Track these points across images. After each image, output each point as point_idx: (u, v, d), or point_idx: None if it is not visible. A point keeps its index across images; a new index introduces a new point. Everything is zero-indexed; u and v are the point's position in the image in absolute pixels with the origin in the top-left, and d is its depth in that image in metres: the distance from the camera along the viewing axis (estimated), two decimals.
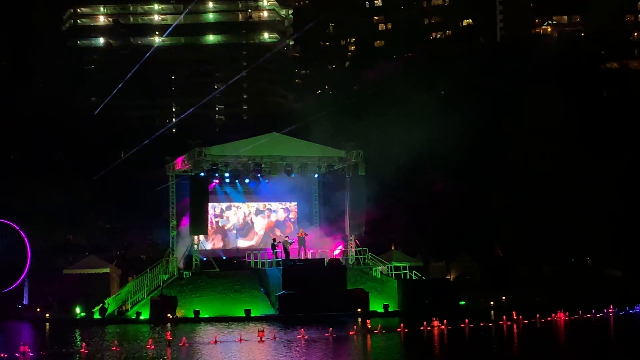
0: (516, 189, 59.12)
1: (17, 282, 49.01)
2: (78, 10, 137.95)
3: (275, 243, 47.54)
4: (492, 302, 45.65)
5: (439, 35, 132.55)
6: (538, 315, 37.54)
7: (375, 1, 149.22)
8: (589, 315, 39.00)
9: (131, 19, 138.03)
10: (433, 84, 64.22)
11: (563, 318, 37.86)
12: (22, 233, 50.21)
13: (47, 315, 44.54)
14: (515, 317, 36.99)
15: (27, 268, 49.09)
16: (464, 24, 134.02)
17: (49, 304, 46.33)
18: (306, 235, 48.08)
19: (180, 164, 48.24)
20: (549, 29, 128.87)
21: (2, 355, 28.17)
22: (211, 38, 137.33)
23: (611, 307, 40.58)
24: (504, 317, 37.00)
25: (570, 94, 61.05)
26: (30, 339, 33.99)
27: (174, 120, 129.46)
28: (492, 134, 60.77)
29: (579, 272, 56.75)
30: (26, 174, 61.62)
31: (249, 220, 53.07)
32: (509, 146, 59.42)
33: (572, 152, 58.91)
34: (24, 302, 48.67)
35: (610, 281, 54.64)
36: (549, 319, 37.59)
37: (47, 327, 41.90)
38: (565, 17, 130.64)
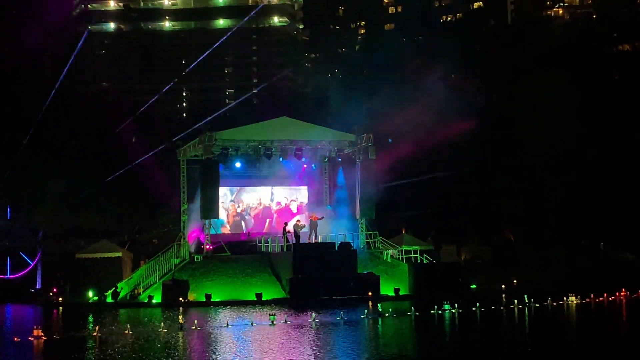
0: (527, 172, 58.93)
1: (30, 267, 49.36)
2: None
3: (287, 227, 47.60)
4: (503, 286, 45.61)
5: (449, 18, 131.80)
6: (549, 298, 37.49)
7: None
8: (600, 299, 38.93)
9: (141, 3, 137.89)
10: (443, 67, 63.85)
11: (575, 302, 37.79)
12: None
13: (60, 299, 44.83)
14: (526, 301, 36.97)
15: (39, 253, 49.41)
16: (475, 7, 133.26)
17: (62, 288, 46.62)
18: (320, 219, 48.14)
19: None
20: (560, 11, 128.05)
21: (15, 339, 28.39)
22: (221, 22, 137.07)
23: (623, 290, 40.49)
24: (515, 300, 36.98)
25: (580, 76, 60.68)
26: (43, 323, 34.21)
27: (184, 104, 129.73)
28: (502, 117, 60.52)
29: (591, 255, 56.67)
30: (36, 158, 61.86)
31: (259, 205, 53.13)
32: (520, 129, 59.18)
33: (583, 135, 58.62)
34: (37, 287, 49.02)
35: (622, 264, 54.56)
36: (561, 302, 37.54)
37: (60, 311, 42.19)
38: None
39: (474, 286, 45.78)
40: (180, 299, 41.74)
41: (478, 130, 59.43)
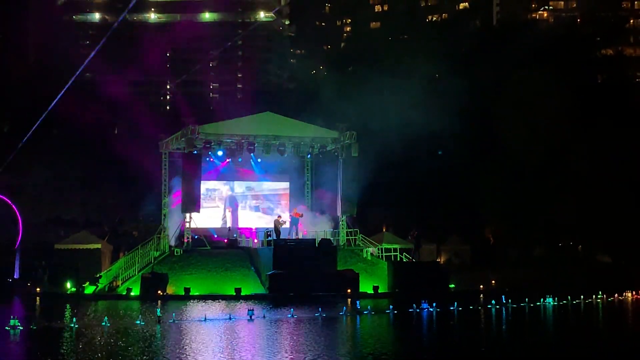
0: (507, 172, 59.23)
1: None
2: None
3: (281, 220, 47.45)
4: (481, 286, 45.87)
5: (435, 18, 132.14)
6: (527, 299, 37.74)
7: None
8: (577, 301, 39.23)
9: None
10: (426, 66, 64.06)
11: (552, 303, 38.06)
12: (14, 207, 50.12)
13: (38, 289, 44.59)
14: (504, 301, 37.20)
15: (18, 242, 49.05)
16: (461, 7, 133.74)
17: (40, 279, 46.35)
18: (301, 216, 48.18)
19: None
20: (545, 14, 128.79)
21: None
22: (207, 16, 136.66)
23: (600, 293, 40.82)
24: (493, 300, 37.20)
25: (564, 78, 61.04)
26: (20, 313, 34.02)
27: (168, 97, 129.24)
28: (485, 117, 60.79)
29: (569, 256, 57.07)
30: (17, 147, 61.46)
31: (241, 199, 53.14)
32: (501, 129, 59.47)
33: (564, 137, 58.98)
34: (15, 276, 48.69)
35: (600, 267, 54.99)
36: (538, 303, 37.79)
37: (38, 301, 41.97)
38: (562, 3, 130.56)
39: (452, 285, 46.00)
40: (159, 292, 41.65)
41: (461, 129, 59.64)
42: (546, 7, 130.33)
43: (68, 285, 44.47)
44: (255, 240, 49.08)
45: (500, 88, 61.71)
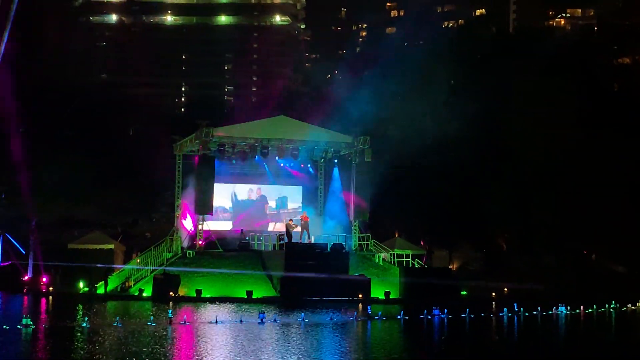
0: (521, 180, 59.02)
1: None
2: None
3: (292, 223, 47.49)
4: (493, 293, 45.68)
5: (450, 24, 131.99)
6: (539, 308, 37.56)
7: None
8: (590, 310, 39.02)
9: None
10: (441, 72, 63.97)
11: (564, 312, 37.87)
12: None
13: (51, 289, 44.79)
14: (516, 309, 37.05)
15: (32, 241, 49.30)
16: (477, 14, 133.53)
17: (53, 278, 46.56)
18: (308, 220, 48.14)
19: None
20: (562, 22, 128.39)
21: (4, 327, 28.37)
22: (223, 19, 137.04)
23: (613, 302, 40.57)
24: (505, 308, 37.05)
25: (580, 87, 60.79)
26: (33, 312, 34.18)
27: (183, 99, 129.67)
28: (496, 123, 60.62)
29: (582, 265, 56.73)
30: (32, 147, 61.81)
31: (254, 202, 53.19)
32: (515, 136, 59.28)
33: (579, 145, 58.71)
34: (28, 275, 48.94)
35: (613, 276, 54.62)
36: (550, 312, 37.62)
37: (50, 300, 42.16)
38: (579, 10, 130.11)
39: (464, 292, 45.85)
40: (171, 293, 41.75)
41: (474, 135, 59.50)
42: (563, 15, 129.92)
43: (80, 285, 44.65)
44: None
45: (514, 95, 61.54)
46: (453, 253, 56.60)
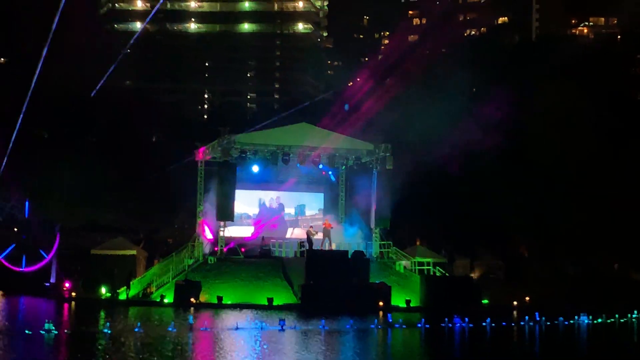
0: (542, 188, 58.72)
1: (45, 261, 49.67)
2: None
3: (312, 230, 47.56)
4: (515, 302, 45.41)
5: (473, 32, 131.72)
6: (561, 316, 37.32)
7: None
8: (612, 320, 38.70)
9: (168, 4, 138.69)
10: (464, 80, 63.87)
11: (586, 321, 37.60)
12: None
13: (73, 294, 45.11)
14: (537, 318, 36.83)
15: (55, 247, 49.74)
16: (499, 22, 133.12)
17: (75, 283, 46.90)
18: (333, 227, 48.16)
19: (202, 153, 48.70)
20: (585, 30, 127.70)
21: (27, 331, 28.63)
22: (246, 26, 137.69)
23: (635, 312, 40.20)
24: (527, 317, 36.85)
25: (601, 94, 60.45)
26: (55, 317, 34.47)
27: (205, 106, 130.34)
28: (518, 131, 60.38)
29: (605, 274, 56.26)
30: (54, 153, 62.44)
31: (275, 210, 53.28)
32: (536, 144, 58.99)
33: (600, 154, 58.35)
34: (52, 280, 49.35)
35: (636, 286, 54.09)
36: (572, 321, 37.36)
37: (72, 306, 42.47)
38: (602, 19, 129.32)
39: (486, 301, 45.62)
40: (192, 299, 41.92)
41: (496, 143, 59.30)
42: (586, 23, 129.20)
43: (103, 290, 44.94)
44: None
45: (536, 103, 61.30)
46: (474, 261, 56.31)
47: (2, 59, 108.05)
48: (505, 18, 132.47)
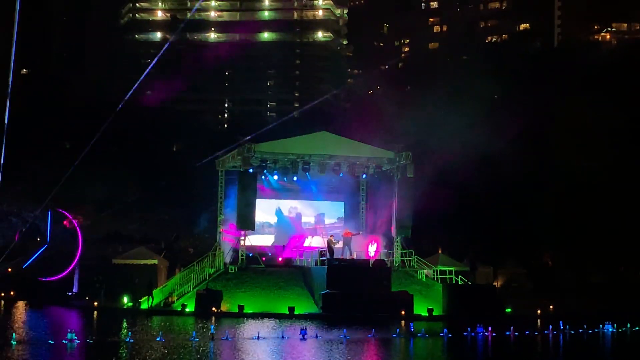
0: (566, 196, 58.24)
1: (68, 270, 49.91)
2: (137, 4, 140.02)
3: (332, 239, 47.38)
4: (539, 311, 44.99)
5: (494, 39, 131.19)
6: (585, 326, 36.89)
7: (431, 3, 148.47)
8: (637, 328, 38.18)
9: (188, 14, 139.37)
10: (485, 87, 63.54)
11: (611, 330, 37.14)
12: (75, 222, 51.09)
13: (95, 303, 45.26)
14: (561, 327, 36.43)
15: (77, 256, 49.97)
16: (521, 28, 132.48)
17: (97, 293, 47.07)
18: (355, 234, 47.90)
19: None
20: (608, 36, 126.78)
21: (49, 341, 28.71)
22: (266, 35, 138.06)
23: None
24: (551, 326, 36.46)
25: (625, 101, 59.92)
26: (77, 326, 34.55)
27: (226, 115, 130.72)
28: (540, 139, 59.98)
29: (629, 282, 55.67)
30: (78, 163, 62.68)
31: (296, 218, 53.20)
32: (558, 151, 58.56)
33: (624, 161, 57.80)
34: (74, 290, 49.57)
35: None
36: (596, 330, 36.91)
37: (95, 315, 42.60)
38: (625, 25, 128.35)
39: (509, 310, 45.23)
40: (214, 308, 41.90)
41: (517, 151, 58.94)
42: (608, 29, 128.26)
43: (125, 300, 45.04)
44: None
45: (558, 110, 60.89)
46: (497, 269, 55.92)
47: (25, 70, 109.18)
48: (527, 24, 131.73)
